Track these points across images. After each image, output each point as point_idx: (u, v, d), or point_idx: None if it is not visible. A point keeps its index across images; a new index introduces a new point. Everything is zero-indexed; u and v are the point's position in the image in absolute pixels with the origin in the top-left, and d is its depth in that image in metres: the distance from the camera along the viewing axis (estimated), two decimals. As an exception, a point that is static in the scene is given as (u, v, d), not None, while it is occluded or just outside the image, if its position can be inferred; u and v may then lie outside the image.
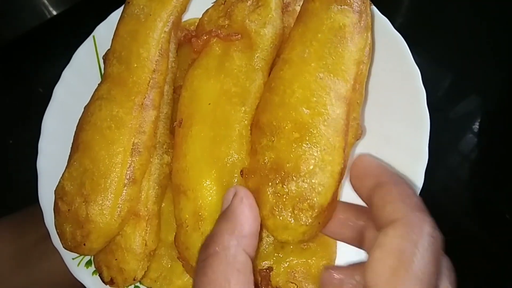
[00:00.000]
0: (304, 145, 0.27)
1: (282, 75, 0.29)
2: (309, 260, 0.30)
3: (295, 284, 0.28)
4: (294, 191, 0.26)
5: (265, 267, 0.29)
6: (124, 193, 0.30)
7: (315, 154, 0.27)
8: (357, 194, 0.26)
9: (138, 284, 0.32)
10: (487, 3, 0.74)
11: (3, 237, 0.42)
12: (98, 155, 0.30)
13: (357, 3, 0.30)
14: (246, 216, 0.24)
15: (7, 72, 0.73)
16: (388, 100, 0.33)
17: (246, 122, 0.30)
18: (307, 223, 0.26)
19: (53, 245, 0.33)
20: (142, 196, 0.31)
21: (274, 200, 0.27)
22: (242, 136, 0.30)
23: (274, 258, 0.29)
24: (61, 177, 0.30)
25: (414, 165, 0.31)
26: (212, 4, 0.35)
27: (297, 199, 0.26)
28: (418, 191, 0.31)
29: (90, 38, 0.40)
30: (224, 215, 0.25)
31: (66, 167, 0.31)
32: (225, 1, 0.34)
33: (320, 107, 0.27)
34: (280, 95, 0.28)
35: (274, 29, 0.32)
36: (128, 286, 0.31)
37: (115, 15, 0.38)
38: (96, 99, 0.32)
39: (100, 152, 0.30)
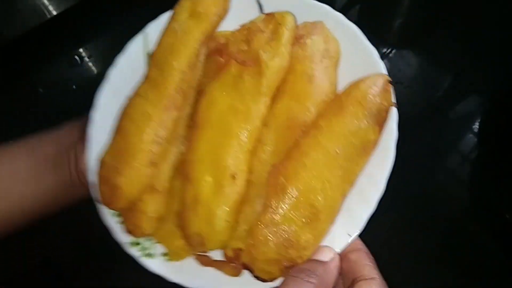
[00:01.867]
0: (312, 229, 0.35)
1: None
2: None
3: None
4: (290, 256, 0.34)
5: (237, 247, 0.38)
6: (145, 171, 0.39)
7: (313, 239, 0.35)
8: None
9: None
10: (487, 3, 0.74)
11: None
12: (130, 140, 0.39)
13: None
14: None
15: (7, 72, 0.74)
16: None
17: (244, 137, 0.38)
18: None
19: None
20: (160, 175, 0.41)
21: (273, 256, 0.34)
22: (240, 147, 0.38)
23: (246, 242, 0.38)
24: (104, 152, 0.41)
25: (369, 193, 0.37)
26: (239, 26, 0.42)
27: (288, 262, 0.34)
28: (369, 215, 0.37)
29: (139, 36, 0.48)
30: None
31: (109, 144, 0.41)
32: (249, 28, 0.41)
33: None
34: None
35: (281, 62, 0.38)
36: (140, 237, 0.42)
37: (165, 16, 0.46)
38: (136, 95, 0.41)
39: (132, 138, 0.39)
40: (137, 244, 0.43)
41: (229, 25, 0.44)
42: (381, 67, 0.38)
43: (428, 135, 0.66)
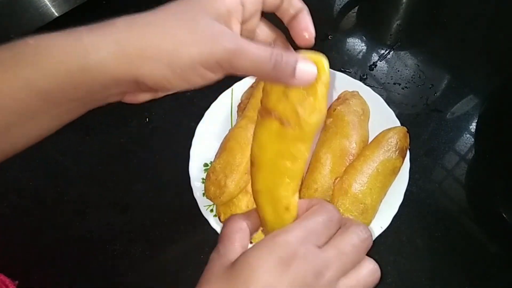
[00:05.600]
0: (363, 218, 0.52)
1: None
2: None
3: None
4: None
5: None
6: (243, 178, 0.57)
7: None
8: None
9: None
10: (486, 3, 0.78)
11: None
12: (235, 156, 0.57)
13: None
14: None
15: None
16: None
17: (291, 178, 0.38)
18: None
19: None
20: (250, 182, 0.59)
21: None
22: (288, 184, 0.38)
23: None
24: (214, 162, 0.58)
25: (393, 201, 0.57)
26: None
27: None
28: (393, 216, 0.56)
29: (229, 90, 0.68)
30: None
31: (217, 157, 0.59)
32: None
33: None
34: None
35: (317, 117, 0.36)
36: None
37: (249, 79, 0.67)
38: (238, 126, 0.60)
39: (237, 154, 0.57)
40: (228, 231, 0.59)
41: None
42: (398, 122, 0.61)
43: (425, 135, 0.67)
